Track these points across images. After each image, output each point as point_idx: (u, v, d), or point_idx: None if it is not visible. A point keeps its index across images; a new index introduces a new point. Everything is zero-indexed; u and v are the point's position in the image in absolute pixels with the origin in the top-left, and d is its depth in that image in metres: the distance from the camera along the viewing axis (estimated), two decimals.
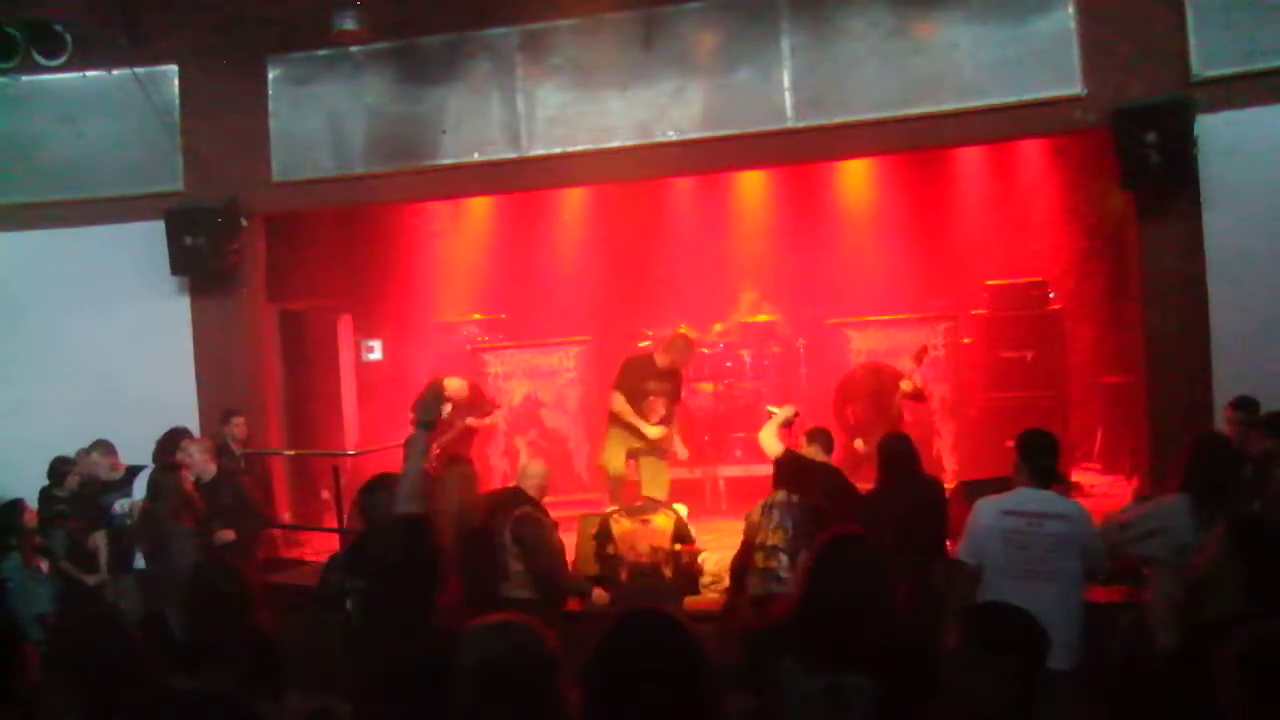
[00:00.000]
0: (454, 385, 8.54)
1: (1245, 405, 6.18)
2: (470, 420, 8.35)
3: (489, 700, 2.41)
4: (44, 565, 6.68)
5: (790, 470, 5.94)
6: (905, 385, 7.93)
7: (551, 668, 2.45)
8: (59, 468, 7.09)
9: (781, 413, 6.33)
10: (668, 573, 6.61)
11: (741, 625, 5.29)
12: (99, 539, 6.85)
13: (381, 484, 4.51)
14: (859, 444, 7.99)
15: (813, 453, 6.02)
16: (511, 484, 6.45)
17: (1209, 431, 5.79)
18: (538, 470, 6.21)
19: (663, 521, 6.81)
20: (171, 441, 7.10)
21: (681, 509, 7.34)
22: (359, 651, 3.69)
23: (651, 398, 7.65)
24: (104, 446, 7.22)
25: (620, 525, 6.75)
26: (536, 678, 2.42)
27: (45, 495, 7.31)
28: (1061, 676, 3.84)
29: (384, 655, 3.33)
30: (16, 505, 6.62)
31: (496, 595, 5.77)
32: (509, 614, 2.58)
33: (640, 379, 7.67)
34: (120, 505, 6.95)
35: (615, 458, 7.70)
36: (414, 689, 2.99)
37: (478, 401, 8.43)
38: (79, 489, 7.20)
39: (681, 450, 8.07)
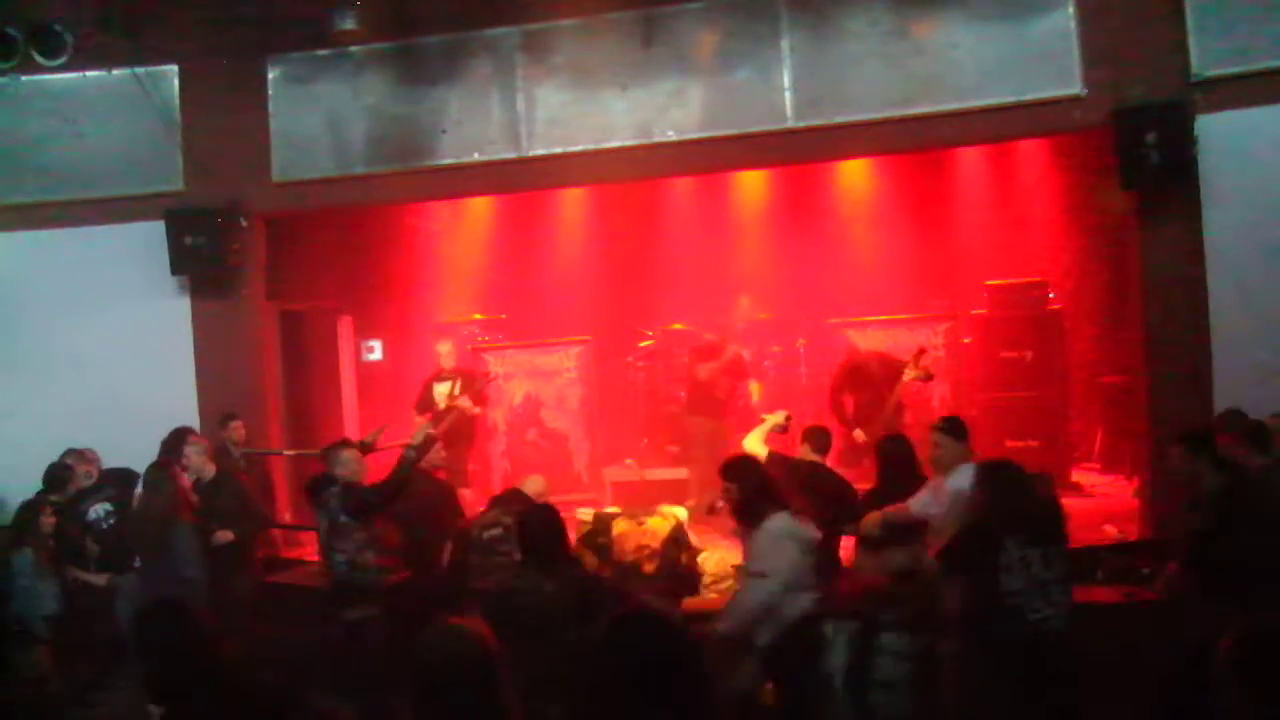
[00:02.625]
0: (445, 349, 8.74)
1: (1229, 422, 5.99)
2: (462, 402, 8.35)
3: (441, 702, 2.53)
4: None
5: (776, 472, 5.98)
6: (909, 374, 7.70)
7: (496, 670, 2.57)
8: (58, 474, 7.08)
9: (773, 419, 6.37)
10: (649, 569, 6.73)
11: None
12: (91, 542, 6.87)
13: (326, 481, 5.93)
14: (859, 434, 7.96)
15: (803, 452, 6.05)
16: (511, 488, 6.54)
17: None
18: (538, 482, 6.37)
19: (657, 524, 6.95)
20: (176, 440, 7.09)
21: (682, 511, 7.36)
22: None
23: None
24: (77, 453, 7.21)
25: (619, 526, 6.96)
26: (482, 680, 2.53)
27: (43, 500, 7.30)
28: None
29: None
30: (36, 506, 6.62)
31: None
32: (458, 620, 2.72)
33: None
34: (96, 511, 6.95)
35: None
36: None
37: (468, 375, 8.70)
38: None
39: None
